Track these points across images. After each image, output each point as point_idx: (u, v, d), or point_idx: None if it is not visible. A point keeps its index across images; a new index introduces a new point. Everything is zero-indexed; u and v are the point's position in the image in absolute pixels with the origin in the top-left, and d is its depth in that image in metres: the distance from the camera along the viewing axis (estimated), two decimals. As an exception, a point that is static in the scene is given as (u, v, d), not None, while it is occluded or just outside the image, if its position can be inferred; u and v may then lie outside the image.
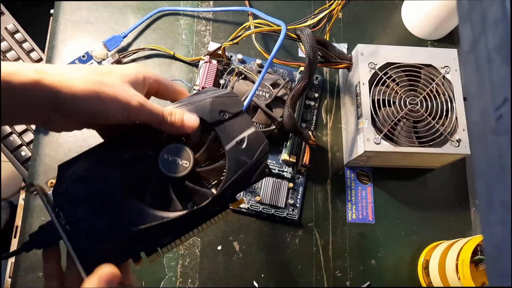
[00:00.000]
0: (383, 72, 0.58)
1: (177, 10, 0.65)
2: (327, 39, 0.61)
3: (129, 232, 0.32)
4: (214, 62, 0.60)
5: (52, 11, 0.64)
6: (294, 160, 0.59)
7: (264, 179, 0.59)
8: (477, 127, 0.23)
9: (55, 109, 0.31)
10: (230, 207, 0.37)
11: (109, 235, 0.32)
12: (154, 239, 0.35)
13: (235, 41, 0.57)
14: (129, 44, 0.63)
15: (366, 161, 0.60)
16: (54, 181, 0.34)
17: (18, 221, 0.63)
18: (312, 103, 0.64)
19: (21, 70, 0.29)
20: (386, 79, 0.58)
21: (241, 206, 0.58)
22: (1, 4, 0.72)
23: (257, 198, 0.58)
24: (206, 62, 0.60)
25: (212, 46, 0.62)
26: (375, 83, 0.58)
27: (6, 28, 0.74)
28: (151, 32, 0.64)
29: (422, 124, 0.57)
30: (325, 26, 0.63)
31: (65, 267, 0.37)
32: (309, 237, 0.59)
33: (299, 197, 0.60)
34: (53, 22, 0.63)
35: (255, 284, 0.56)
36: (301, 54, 0.67)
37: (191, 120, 0.37)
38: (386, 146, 0.55)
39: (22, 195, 0.62)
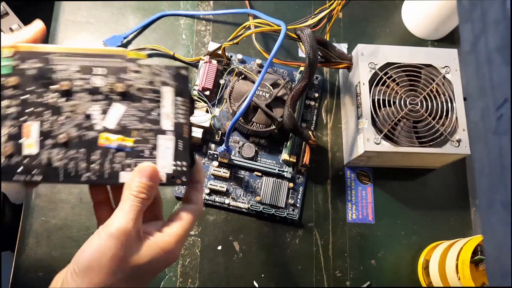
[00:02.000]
0: (383, 72, 0.58)
1: (179, 14, 0.65)
2: (327, 39, 0.61)
3: None
4: (214, 62, 0.60)
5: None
6: (294, 160, 0.59)
7: (264, 180, 0.59)
8: (477, 127, 0.23)
9: None
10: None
11: None
12: None
13: (235, 41, 0.57)
14: (129, 44, 0.63)
15: (366, 161, 0.60)
16: None
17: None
18: (312, 103, 0.64)
19: None
20: (386, 79, 0.58)
21: (241, 206, 0.58)
22: (6, 4, 0.72)
23: (257, 198, 0.58)
24: (206, 62, 0.60)
25: (212, 46, 0.62)
26: (375, 83, 0.58)
27: (10, 28, 0.74)
28: (151, 32, 0.64)
29: (422, 124, 0.57)
30: (325, 26, 0.63)
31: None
32: (309, 237, 0.59)
33: (299, 197, 0.60)
34: (52, 22, 0.63)
35: (255, 284, 0.56)
36: (301, 54, 0.67)
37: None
38: (386, 146, 0.55)
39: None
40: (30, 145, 0.35)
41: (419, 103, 0.57)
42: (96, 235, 0.32)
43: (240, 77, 0.60)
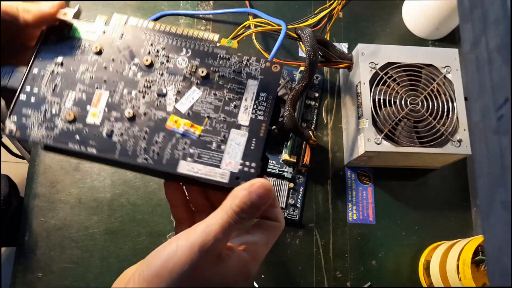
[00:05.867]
0: (383, 72, 0.58)
1: (179, 14, 0.65)
2: (328, 38, 0.61)
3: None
4: (214, 62, 0.60)
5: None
6: (295, 160, 0.59)
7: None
8: (478, 127, 0.23)
9: None
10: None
11: None
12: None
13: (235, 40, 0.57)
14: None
15: (366, 161, 0.60)
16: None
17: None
18: (313, 102, 0.64)
19: None
20: (387, 79, 0.58)
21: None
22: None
23: (257, 198, 0.58)
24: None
25: (212, 46, 0.62)
26: (375, 83, 0.58)
27: None
28: (151, 32, 0.64)
29: (423, 124, 0.57)
30: (326, 25, 0.63)
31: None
32: (310, 237, 0.59)
33: (299, 197, 0.60)
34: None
35: (255, 284, 0.56)
36: (302, 53, 0.66)
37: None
38: (387, 146, 0.55)
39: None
40: (94, 114, 0.34)
41: (420, 103, 0.57)
42: (176, 243, 0.29)
43: (240, 77, 0.60)
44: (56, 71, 0.36)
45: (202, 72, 0.34)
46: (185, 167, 0.33)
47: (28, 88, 0.35)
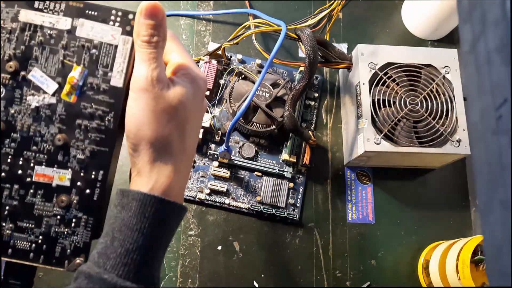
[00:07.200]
0: (383, 72, 0.58)
1: (180, 14, 0.66)
2: (327, 39, 0.61)
3: None
4: (214, 62, 0.60)
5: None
6: (295, 160, 0.59)
7: (264, 179, 0.59)
8: (477, 127, 0.23)
9: None
10: None
11: None
12: None
13: (235, 41, 0.57)
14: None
15: (366, 161, 0.60)
16: None
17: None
18: (312, 103, 0.64)
19: None
20: (386, 79, 0.58)
21: (242, 206, 0.58)
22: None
23: (258, 198, 0.58)
24: (206, 62, 0.60)
25: (212, 46, 0.62)
26: (375, 83, 0.58)
27: None
28: (151, 32, 0.64)
29: (422, 124, 0.57)
30: (325, 26, 0.63)
31: None
32: (309, 237, 0.59)
33: (299, 197, 0.60)
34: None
35: (255, 284, 0.57)
36: (301, 54, 0.67)
37: None
38: (386, 146, 0.55)
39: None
40: (62, 177, 0.34)
41: (419, 103, 0.57)
42: (130, 99, 0.32)
43: (240, 77, 0.60)
44: None
45: (10, 67, 0.33)
46: (116, 81, 0.34)
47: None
